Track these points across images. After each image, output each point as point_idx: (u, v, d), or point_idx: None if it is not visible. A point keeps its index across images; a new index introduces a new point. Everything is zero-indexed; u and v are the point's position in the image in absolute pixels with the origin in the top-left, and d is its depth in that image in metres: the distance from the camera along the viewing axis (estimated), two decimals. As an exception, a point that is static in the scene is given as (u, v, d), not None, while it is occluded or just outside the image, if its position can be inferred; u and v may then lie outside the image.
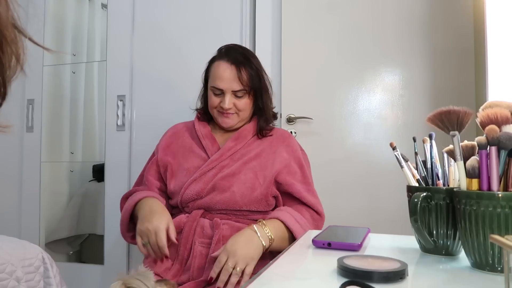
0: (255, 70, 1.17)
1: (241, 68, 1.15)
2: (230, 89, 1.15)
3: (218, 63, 1.18)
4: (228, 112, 1.17)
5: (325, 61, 1.79)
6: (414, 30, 1.72)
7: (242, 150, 1.17)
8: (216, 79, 1.16)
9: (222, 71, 1.15)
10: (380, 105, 1.74)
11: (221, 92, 1.16)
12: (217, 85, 1.15)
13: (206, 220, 1.09)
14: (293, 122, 1.78)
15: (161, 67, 1.91)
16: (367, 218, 1.69)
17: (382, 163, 1.70)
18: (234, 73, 1.14)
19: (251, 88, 1.17)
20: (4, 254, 1.10)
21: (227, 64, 1.15)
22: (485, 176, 0.56)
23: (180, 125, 1.30)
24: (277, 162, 1.14)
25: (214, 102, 1.18)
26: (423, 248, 0.68)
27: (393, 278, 0.51)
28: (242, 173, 1.11)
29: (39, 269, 1.18)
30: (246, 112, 1.20)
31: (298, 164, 1.18)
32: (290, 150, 1.18)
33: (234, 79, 1.14)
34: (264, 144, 1.19)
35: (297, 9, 1.80)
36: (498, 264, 0.54)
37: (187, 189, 1.11)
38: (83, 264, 2.17)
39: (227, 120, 1.18)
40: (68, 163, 2.45)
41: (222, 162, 1.14)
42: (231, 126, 1.20)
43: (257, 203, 1.10)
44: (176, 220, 1.10)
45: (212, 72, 1.19)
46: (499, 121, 0.56)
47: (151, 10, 1.94)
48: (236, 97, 1.16)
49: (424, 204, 0.65)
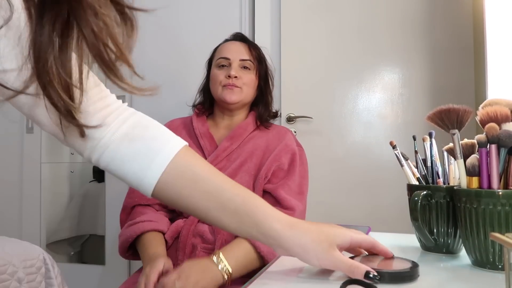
0: (259, 52, 1.21)
1: (251, 47, 1.18)
2: (238, 57, 1.16)
3: (226, 42, 1.21)
4: (233, 84, 1.13)
5: (325, 60, 1.79)
6: (413, 29, 1.72)
7: (238, 150, 1.14)
8: (223, 51, 1.17)
9: (231, 44, 1.18)
10: (379, 104, 1.74)
11: (227, 63, 1.16)
12: (224, 55, 1.16)
13: (204, 225, 1.06)
14: (293, 121, 1.78)
15: (161, 65, 1.90)
16: (368, 216, 1.69)
17: (382, 162, 1.70)
18: (244, 46, 1.18)
19: (257, 66, 1.18)
20: (6, 255, 1.10)
21: (237, 41, 1.19)
22: (485, 174, 0.56)
23: (177, 121, 1.26)
24: (269, 160, 1.10)
25: (219, 76, 1.16)
26: (424, 246, 0.68)
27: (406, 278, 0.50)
28: (238, 176, 1.08)
29: (41, 270, 1.18)
30: (249, 89, 1.17)
31: (290, 160, 1.12)
32: (284, 145, 1.14)
33: (242, 50, 1.17)
34: (260, 142, 1.15)
35: (296, 8, 1.80)
36: (499, 262, 0.54)
37: None
38: (84, 265, 2.18)
39: (231, 94, 1.14)
40: (68, 163, 2.46)
41: (219, 164, 1.11)
42: (234, 101, 1.15)
43: None
44: (174, 226, 1.08)
45: (219, 49, 1.21)
46: (499, 119, 0.56)
47: (150, 7, 1.93)
48: (243, 69, 1.16)
49: (424, 202, 0.65)
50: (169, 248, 1.08)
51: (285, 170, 1.11)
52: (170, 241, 1.07)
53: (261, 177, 1.08)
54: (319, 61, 1.79)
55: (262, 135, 1.17)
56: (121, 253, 1.11)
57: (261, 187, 1.07)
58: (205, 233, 1.05)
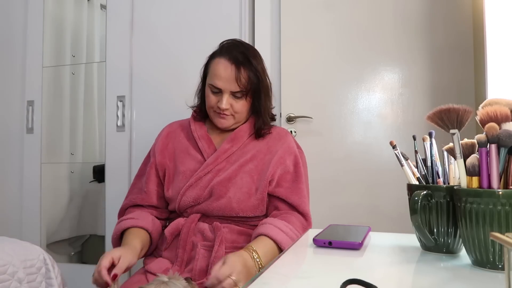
0: (254, 71, 1.14)
1: (240, 68, 1.12)
2: (229, 89, 1.12)
3: (218, 60, 1.14)
4: (224, 113, 1.14)
5: (325, 60, 1.79)
6: (413, 28, 1.72)
7: (238, 152, 1.14)
8: (214, 78, 1.13)
9: (221, 70, 1.12)
10: (379, 104, 1.75)
11: (219, 90, 1.13)
12: (216, 84, 1.13)
13: (205, 224, 1.08)
14: (293, 121, 1.78)
15: (161, 67, 1.91)
16: (368, 216, 1.69)
17: (382, 162, 1.70)
18: (234, 73, 1.11)
19: (249, 90, 1.14)
20: (6, 255, 1.10)
21: (227, 63, 1.12)
22: (485, 173, 0.56)
23: (175, 124, 1.27)
24: (273, 163, 1.11)
25: (211, 101, 1.15)
26: (424, 246, 0.68)
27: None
28: (238, 177, 1.09)
29: (41, 270, 1.18)
30: (242, 114, 1.17)
31: (294, 162, 1.14)
32: (287, 147, 1.15)
33: (232, 80, 1.11)
34: (260, 145, 1.16)
35: (296, 8, 1.80)
36: (499, 261, 0.54)
37: (184, 195, 1.10)
38: (85, 265, 2.17)
39: (223, 121, 1.16)
40: (68, 164, 2.45)
41: (218, 165, 1.12)
42: (226, 127, 1.17)
43: (254, 209, 1.08)
44: (174, 223, 1.10)
45: (211, 69, 1.16)
46: (498, 119, 0.56)
47: (150, 10, 1.93)
48: (234, 98, 1.14)
49: (424, 202, 0.65)
50: (169, 246, 1.11)
51: (292, 173, 1.12)
52: (170, 237, 1.10)
53: (266, 180, 1.09)
54: (319, 61, 1.79)
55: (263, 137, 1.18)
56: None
57: (266, 189, 1.09)
58: (205, 231, 1.07)
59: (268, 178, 1.09)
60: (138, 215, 1.12)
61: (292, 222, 1.05)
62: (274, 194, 1.10)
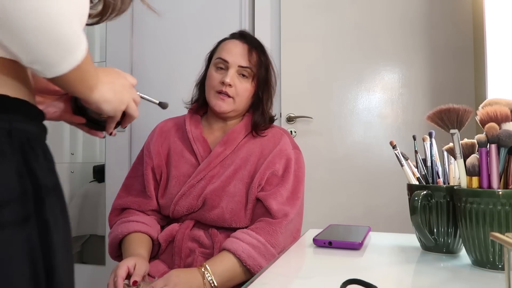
0: (264, 60, 1.12)
1: (252, 49, 1.10)
2: (237, 63, 1.08)
3: (229, 40, 1.13)
4: (226, 92, 1.08)
5: (325, 60, 1.79)
6: (413, 28, 1.72)
7: (232, 155, 1.09)
8: (223, 51, 1.10)
9: (232, 46, 1.09)
10: (379, 104, 1.75)
11: (225, 66, 1.09)
12: (224, 57, 1.08)
13: (200, 230, 1.06)
14: (293, 121, 1.78)
15: (161, 67, 1.91)
16: (368, 216, 1.69)
17: (382, 162, 1.70)
18: (245, 50, 1.09)
19: (256, 74, 1.10)
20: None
21: (239, 42, 1.11)
22: (485, 173, 0.56)
23: (170, 123, 1.21)
24: (263, 167, 1.06)
25: (214, 79, 1.09)
26: (424, 246, 0.68)
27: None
28: (231, 185, 1.05)
29: (41, 270, 1.18)
30: (243, 99, 1.11)
31: (284, 165, 1.09)
32: (279, 150, 1.09)
33: (243, 55, 1.09)
34: (254, 148, 1.11)
35: (296, 8, 1.80)
36: (499, 261, 0.54)
37: (177, 205, 1.06)
38: (85, 265, 2.17)
39: (222, 103, 1.09)
40: (68, 164, 2.46)
41: (211, 171, 1.07)
42: (224, 111, 1.10)
43: (247, 220, 1.05)
44: (168, 229, 1.07)
45: (220, 47, 1.13)
46: (498, 119, 0.57)
47: (150, 10, 1.93)
48: (240, 76, 1.09)
49: (424, 202, 0.65)
50: (163, 252, 1.07)
51: (279, 177, 1.07)
52: (164, 244, 1.06)
53: (254, 185, 1.04)
54: (319, 61, 1.79)
55: (257, 139, 1.13)
56: (111, 251, 1.10)
57: (254, 195, 1.04)
58: (201, 237, 1.04)
59: (256, 184, 1.04)
60: (150, 222, 1.08)
61: (261, 232, 0.99)
62: (257, 197, 1.05)
